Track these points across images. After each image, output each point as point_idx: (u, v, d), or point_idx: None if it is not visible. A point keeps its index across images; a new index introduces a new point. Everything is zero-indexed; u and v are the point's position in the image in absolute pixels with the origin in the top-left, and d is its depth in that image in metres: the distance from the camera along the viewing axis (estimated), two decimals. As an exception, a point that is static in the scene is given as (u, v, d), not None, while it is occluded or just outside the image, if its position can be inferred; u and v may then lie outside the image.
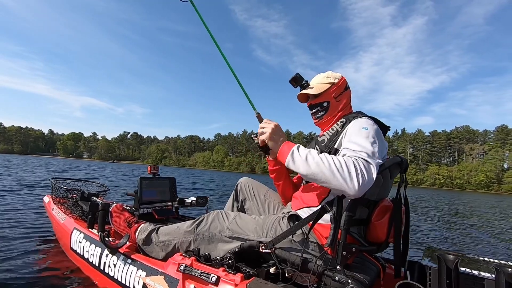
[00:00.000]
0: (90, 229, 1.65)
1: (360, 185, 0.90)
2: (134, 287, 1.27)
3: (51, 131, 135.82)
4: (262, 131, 1.16)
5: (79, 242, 1.66)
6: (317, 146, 1.24)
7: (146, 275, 1.24)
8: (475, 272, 1.05)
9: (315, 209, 1.10)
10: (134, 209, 1.91)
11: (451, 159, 79.15)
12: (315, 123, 1.34)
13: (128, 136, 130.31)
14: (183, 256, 1.21)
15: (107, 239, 1.40)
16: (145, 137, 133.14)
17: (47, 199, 2.36)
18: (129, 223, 1.47)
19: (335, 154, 1.11)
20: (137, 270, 1.28)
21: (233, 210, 1.59)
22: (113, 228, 1.54)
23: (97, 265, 1.50)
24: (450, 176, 67.80)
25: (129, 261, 1.34)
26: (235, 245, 1.21)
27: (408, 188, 1.17)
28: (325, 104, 1.27)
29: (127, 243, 1.38)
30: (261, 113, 1.28)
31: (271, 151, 1.37)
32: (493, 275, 0.99)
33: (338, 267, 0.97)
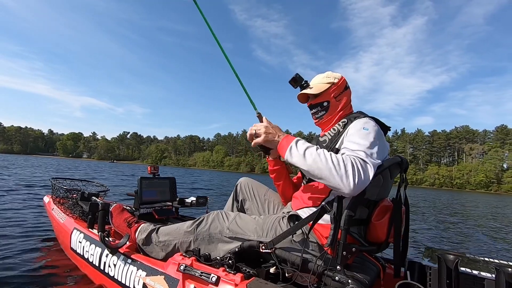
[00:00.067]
0: (90, 229, 1.65)
1: (356, 183, 0.91)
2: (134, 287, 1.27)
3: (50, 131, 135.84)
4: (254, 132, 1.16)
5: (79, 242, 1.66)
6: (318, 146, 1.24)
7: (146, 275, 1.24)
8: (475, 272, 1.05)
9: (315, 209, 1.10)
10: (134, 209, 1.91)
11: (451, 159, 79.25)
12: (315, 123, 1.35)
13: (128, 136, 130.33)
14: (183, 256, 1.21)
15: (107, 239, 1.40)
16: (144, 137, 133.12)
17: (47, 199, 2.36)
18: (129, 223, 1.47)
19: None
20: (137, 270, 1.28)
21: (233, 210, 1.58)
22: (113, 228, 1.54)
23: (97, 265, 1.50)
24: (450, 176, 67.87)
25: (129, 261, 1.33)
26: (235, 245, 1.21)
27: (408, 188, 1.17)
28: (325, 104, 1.27)
29: (127, 243, 1.38)
30: (261, 113, 1.28)
31: (271, 151, 1.37)
32: (493, 275, 0.99)
33: (338, 267, 0.97)
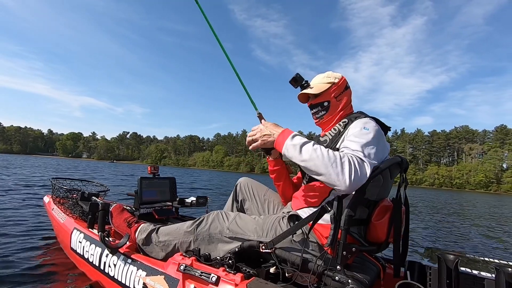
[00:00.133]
0: (90, 229, 1.65)
1: (352, 180, 0.91)
2: (134, 287, 1.27)
3: (50, 131, 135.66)
4: (251, 139, 1.16)
5: (79, 242, 1.66)
6: (314, 142, 1.24)
7: (146, 275, 1.24)
8: (475, 272, 1.05)
9: (315, 209, 1.10)
10: (134, 209, 1.91)
11: (450, 159, 79.28)
12: (316, 123, 1.34)
13: (128, 136, 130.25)
14: (183, 256, 1.21)
15: (107, 239, 1.40)
16: (144, 137, 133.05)
17: (47, 199, 2.36)
18: (129, 223, 1.47)
19: None
20: (137, 270, 1.28)
21: (232, 210, 1.58)
22: (113, 228, 1.54)
23: (97, 265, 1.50)
24: (449, 176, 67.90)
25: (129, 261, 1.33)
26: (235, 245, 1.21)
27: (408, 188, 1.17)
28: (325, 104, 1.27)
29: (127, 243, 1.38)
30: (262, 113, 1.28)
31: (272, 151, 1.37)
32: (493, 275, 0.99)
33: (338, 267, 0.97)
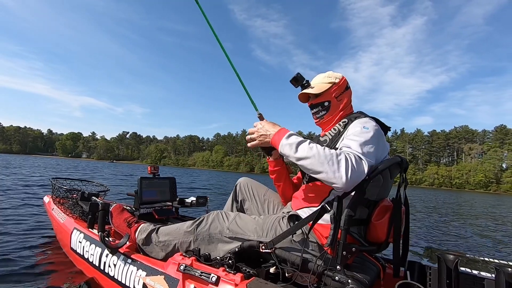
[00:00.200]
0: (90, 229, 1.65)
1: (348, 178, 0.91)
2: (134, 287, 1.27)
3: (50, 131, 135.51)
4: (250, 137, 1.19)
5: (79, 242, 1.66)
6: (310, 140, 1.24)
7: (146, 275, 1.24)
8: (475, 272, 1.05)
9: (315, 209, 1.10)
10: (134, 209, 1.91)
11: (450, 159, 79.30)
12: (316, 123, 1.35)
13: (127, 136, 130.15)
14: (183, 256, 1.21)
15: (107, 239, 1.40)
16: (144, 137, 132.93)
17: (47, 199, 2.36)
18: (129, 223, 1.47)
19: None
20: (137, 270, 1.28)
21: (232, 210, 1.59)
22: (113, 228, 1.54)
23: (97, 265, 1.50)
24: (449, 176, 67.91)
25: (129, 261, 1.33)
26: (235, 245, 1.22)
27: (407, 188, 1.17)
28: (326, 104, 1.28)
29: (127, 243, 1.38)
30: (262, 114, 1.28)
31: (273, 152, 1.37)
32: (493, 275, 0.99)
33: (338, 267, 0.97)
